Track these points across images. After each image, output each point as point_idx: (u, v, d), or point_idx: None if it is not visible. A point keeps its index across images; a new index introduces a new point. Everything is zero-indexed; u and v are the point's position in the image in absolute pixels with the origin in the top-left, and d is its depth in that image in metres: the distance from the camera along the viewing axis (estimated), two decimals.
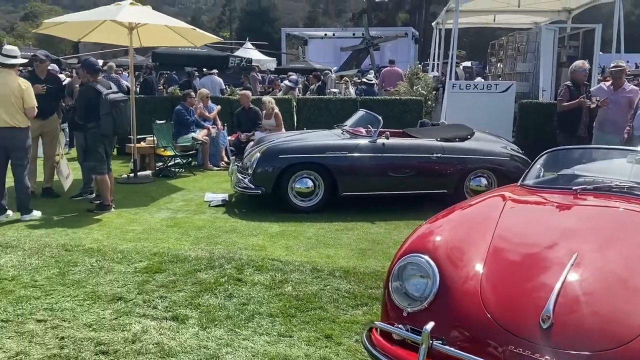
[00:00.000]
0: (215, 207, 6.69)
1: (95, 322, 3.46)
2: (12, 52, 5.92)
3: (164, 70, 15.92)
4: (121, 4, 7.52)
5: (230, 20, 71.64)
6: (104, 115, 6.01)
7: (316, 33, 35.72)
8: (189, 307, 3.71)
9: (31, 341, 3.21)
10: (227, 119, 10.32)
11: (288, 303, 3.79)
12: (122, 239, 5.28)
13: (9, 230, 5.50)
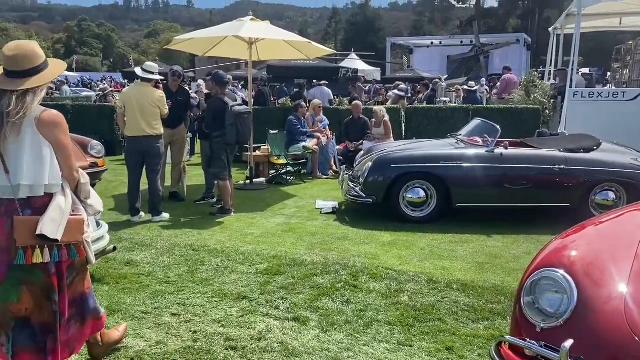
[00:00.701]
0: (326, 214, 6.85)
1: (223, 319, 3.69)
2: (151, 69, 6.51)
3: (277, 82, 16.61)
4: (243, 20, 7.97)
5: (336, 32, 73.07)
6: (229, 125, 6.40)
7: (422, 42, 35.38)
8: (309, 309, 3.83)
9: (168, 333, 3.49)
10: (336, 128, 10.52)
11: (405, 313, 3.79)
12: (242, 242, 5.57)
13: (142, 230, 6.01)
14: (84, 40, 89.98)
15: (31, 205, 2.53)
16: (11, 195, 2.50)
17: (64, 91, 22.47)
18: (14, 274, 2.51)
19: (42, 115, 2.56)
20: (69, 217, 2.60)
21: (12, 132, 2.47)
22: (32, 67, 2.57)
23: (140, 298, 4.04)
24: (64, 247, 2.57)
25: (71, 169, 2.66)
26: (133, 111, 6.32)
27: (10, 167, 2.49)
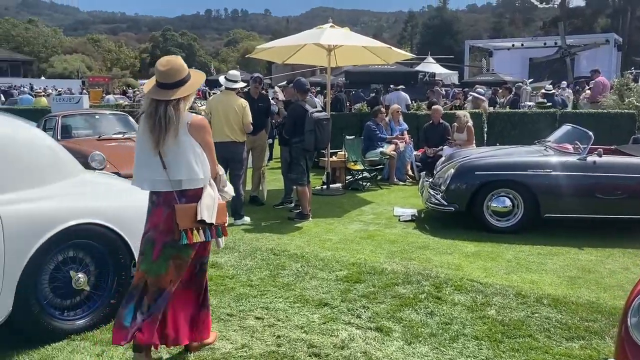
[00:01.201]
0: (405, 222, 6.74)
1: (306, 325, 3.70)
2: (234, 77, 6.70)
3: (354, 87, 16.63)
4: (323, 27, 8.04)
5: (412, 35, 72.22)
6: (308, 131, 6.46)
7: (502, 44, 34.23)
8: (392, 320, 3.77)
9: (252, 336, 3.54)
10: (414, 133, 10.36)
11: (493, 327, 3.63)
12: (321, 247, 5.58)
13: None
14: (168, 50, 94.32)
15: (185, 195, 2.98)
16: (169, 188, 2.96)
17: None
18: (168, 251, 2.98)
19: (193, 120, 3.00)
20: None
21: (170, 135, 2.90)
22: (180, 79, 2.98)
23: (225, 300, 4.13)
24: (213, 228, 3.05)
25: (214, 163, 3.14)
26: (218, 118, 6.53)
27: (168, 164, 2.93)
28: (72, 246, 3.51)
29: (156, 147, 2.91)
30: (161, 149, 2.91)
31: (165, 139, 2.89)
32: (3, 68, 66.46)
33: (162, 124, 2.89)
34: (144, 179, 3.02)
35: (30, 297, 3.26)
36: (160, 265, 2.98)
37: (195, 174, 2.96)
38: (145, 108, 3.00)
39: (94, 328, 3.57)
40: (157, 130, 2.90)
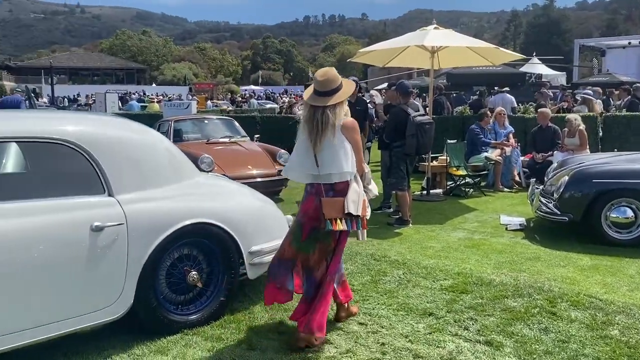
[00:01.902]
0: (512, 230, 6.41)
1: (410, 334, 3.61)
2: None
3: (456, 90, 16.18)
4: (427, 29, 7.88)
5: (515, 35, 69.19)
6: (409, 135, 6.35)
7: (617, 42, 31.65)
8: (502, 334, 3.58)
9: (357, 342, 3.51)
10: (521, 138, 9.87)
11: (617, 349, 3.33)
12: (423, 255, 5.45)
13: None
14: (268, 56, 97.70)
15: (333, 188, 3.40)
16: (319, 181, 3.41)
17: (252, 103, 24.61)
18: (314, 234, 3.45)
19: (345, 121, 3.43)
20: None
21: (325, 135, 3.35)
22: (335, 87, 3.41)
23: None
24: (354, 220, 3.38)
25: (361, 161, 3.49)
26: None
27: (320, 160, 3.36)
28: (186, 244, 3.68)
29: (313, 146, 3.38)
30: (316, 147, 3.36)
31: (321, 139, 3.35)
32: (120, 76, 72.22)
33: (319, 127, 3.35)
34: (300, 172, 3.53)
35: (149, 291, 3.46)
36: (308, 246, 3.47)
37: (343, 170, 3.35)
38: (304, 113, 3.51)
39: (204, 324, 3.71)
40: (314, 132, 3.36)
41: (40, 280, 3.01)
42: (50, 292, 3.07)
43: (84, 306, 3.21)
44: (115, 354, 3.33)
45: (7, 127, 3.23)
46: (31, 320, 3.00)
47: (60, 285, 3.10)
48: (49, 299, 3.06)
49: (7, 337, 2.91)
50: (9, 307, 2.91)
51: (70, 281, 3.13)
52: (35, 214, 3.05)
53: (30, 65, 70.28)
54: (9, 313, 2.92)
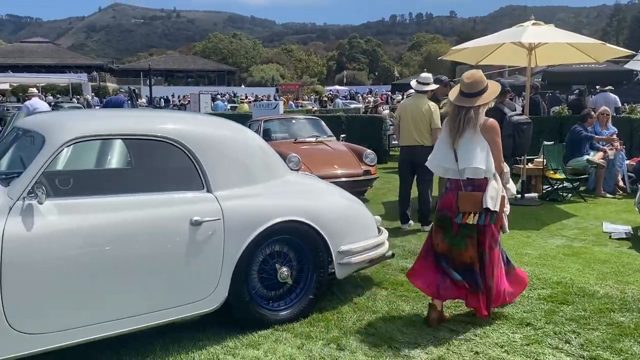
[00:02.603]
0: (617, 239, 5.96)
1: (506, 344, 3.44)
2: (425, 80, 6.58)
3: (551, 89, 15.34)
4: (524, 25, 7.52)
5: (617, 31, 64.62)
6: (505, 136, 6.05)
7: None
8: (609, 350, 3.31)
9: (448, 349, 3.39)
10: (627, 140, 9.16)
11: None
12: (519, 262, 5.15)
13: (412, 239, 6.09)
14: (353, 56, 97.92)
15: (471, 184, 3.60)
16: (457, 176, 3.63)
17: (337, 103, 24.75)
18: (463, 230, 3.61)
19: (486, 122, 3.63)
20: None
21: (466, 133, 3.56)
22: (481, 89, 3.63)
23: (418, 307, 4.05)
24: (488, 215, 3.55)
25: (499, 161, 3.65)
26: (407, 121, 6.48)
27: (459, 157, 3.59)
28: (277, 241, 3.73)
29: (453, 143, 3.60)
30: (456, 145, 3.59)
31: (461, 137, 3.58)
32: (211, 78, 75.25)
33: (462, 125, 3.57)
34: (440, 167, 3.76)
35: (242, 286, 3.54)
36: (460, 241, 3.63)
37: (480, 167, 3.52)
38: (449, 112, 3.73)
39: (294, 321, 3.75)
40: (455, 130, 3.60)
41: (143, 270, 3.17)
42: (151, 282, 3.21)
43: (181, 298, 3.34)
44: (210, 345, 3.44)
45: (117, 125, 3.43)
46: (134, 309, 3.16)
47: (161, 276, 3.24)
48: (149, 288, 3.21)
49: (113, 323, 3.09)
50: (115, 295, 3.09)
51: (170, 273, 3.27)
52: (140, 208, 3.21)
53: (131, 67, 75.06)
54: (115, 300, 3.09)
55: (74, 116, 3.63)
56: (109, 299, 3.07)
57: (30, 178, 2.92)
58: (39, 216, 2.88)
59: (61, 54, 70.95)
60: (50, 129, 3.17)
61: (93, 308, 3.02)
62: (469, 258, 3.62)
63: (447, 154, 3.66)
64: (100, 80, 53.52)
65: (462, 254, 3.63)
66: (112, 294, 3.07)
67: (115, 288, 3.08)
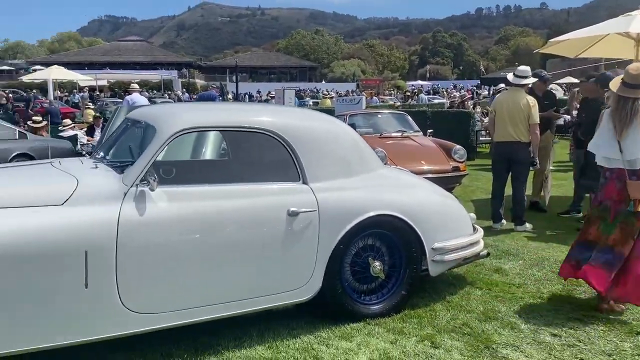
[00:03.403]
0: None
1: (614, 352, 3.23)
2: (523, 73, 6.30)
3: None
4: (632, 14, 7.00)
5: None
6: None
7: None
8: None
9: (550, 353, 3.24)
10: None
11: None
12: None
13: (505, 239, 5.86)
14: (437, 50, 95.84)
15: (636, 173, 3.69)
16: (621, 166, 3.72)
17: (421, 99, 24.31)
18: (619, 217, 3.72)
19: None
20: None
21: (632, 124, 3.66)
22: None
23: (515, 309, 3.89)
24: None
25: None
26: (502, 117, 6.24)
27: (624, 148, 3.68)
28: (370, 235, 3.72)
29: (618, 135, 3.70)
30: (621, 135, 3.68)
31: (626, 128, 3.68)
32: (294, 74, 76.55)
33: (629, 117, 3.67)
34: (603, 157, 3.85)
35: (335, 278, 3.57)
36: (612, 227, 3.74)
37: None
38: (612, 103, 3.86)
39: (385, 315, 3.72)
40: (621, 121, 3.69)
41: (243, 256, 3.27)
42: (251, 268, 3.31)
43: (278, 285, 3.41)
44: (303, 334, 3.49)
45: (220, 117, 3.55)
46: (235, 294, 3.27)
47: (259, 263, 3.33)
48: (249, 274, 3.31)
49: (215, 307, 3.22)
50: (218, 279, 3.21)
51: (267, 261, 3.35)
52: (241, 197, 3.31)
53: (217, 64, 77.84)
54: (218, 285, 3.21)
55: (182, 109, 3.80)
56: (212, 283, 3.19)
57: (143, 166, 3.09)
58: (151, 202, 3.05)
59: (153, 52, 75.00)
60: (160, 121, 3.34)
61: (198, 291, 3.16)
62: (613, 241, 3.71)
63: (612, 145, 3.74)
64: (190, 76, 56.02)
65: (608, 237, 3.74)
66: (215, 278, 3.20)
67: (219, 272, 3.20)
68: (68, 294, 2.83)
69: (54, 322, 2.81)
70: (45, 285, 2.77)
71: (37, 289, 2.76)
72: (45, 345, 2.82)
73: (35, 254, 2.75)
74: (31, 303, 2.75)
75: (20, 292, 2.73)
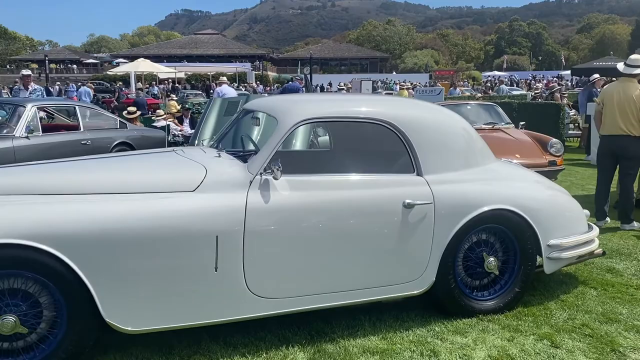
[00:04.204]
0: None
1: None
2: (636, 62, 5.92)
3: None
4: None
5: None
6: None
7: None
8: None
9: None
10: None
11: None
12: None
13: (613, 237, 5.56)
14: (513, 40, 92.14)
15: None
16: None
17: (502, 90, 23.52)
18: None
19: None
20: None
21: None
22: None
23: (637, 312, 3.69)
24: None
25: None
26: (611, 108, 5.91)
27: None
28: (485, 230, 3.64)
29: None
30: None
31: None
32: (364, 65, 76.21)
33: None
34: None
35: (448, 272, 3.52)
36: None
37: None
38: None
39: (498, 312, 3.64)
40: None
41: (359, 247, 3.29)
42: (366, 259, 3.33)
43: (392, 277, 3.41)
44: (415, 327, 3.47)
45: (336, 108, 3.57)
46: (350, 283, 3.31)
47: (375, 254, 3.34)
48: (364, 265, 3.33)
49: (332, 295, 3.26)
50: (336, 268, 3.25)
51: (383, 252, 3.35)
52: (359, 187, 3.33)
53: (289, 56, 78.81)
54: (335, 273, 3.25)
55: (300, 101, 3.86)
56: (331, 271, 3.24)
57: (266, 156, 3.17)
58: (274, 190, 3.13)
59: (228, 45, 76.92)
60: (281, 112, 3.41)
61: (318, 279, 3.21)
62: None
63: None
64: (263, 69, 57.04)
65: None
66: (334, 267, 3.24)
67: (337, 261, 3.24)
68: (200, 277, 2.95)
69: (188, 303, 2.95)
70: (179, 266, 2.91)
71: (172, 270, 2.90)
72: (180, 325, 2.96)
73: (170, 236, 2.89)
74: (166, 284, 2.90)
75: (156, 272, 2.88)
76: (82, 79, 44.14)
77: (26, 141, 6.85)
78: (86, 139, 7.72)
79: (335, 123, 3.64)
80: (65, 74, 58.58)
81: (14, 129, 6.86)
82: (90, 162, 3.69)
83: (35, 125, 7.06)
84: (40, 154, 6.77)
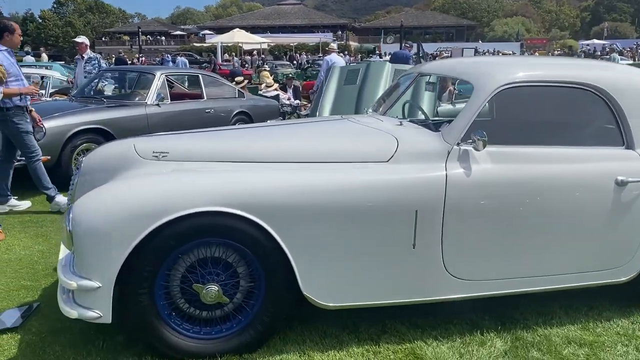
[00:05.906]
0: None
1: None
2: None
3: None
4: None
5: None
6: None
7: None
8: None
9: None
10: None
11: None
12: None
13: None
14: (613, 5, 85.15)
15: None
16: None
17: (613, 58, 21.75)
18: None
19: None
20: None
21: None
22: None
23: None
24: None
25: None
26: None
27: None
28: None
29: None
30: None
31: None
32: (450, 34, 73.34)
33: None
34: None
35: None
36: None
37: None
38: None
39: None
40: None
41: (564, 228, 2.96)
42: (569, 241, 2.99)
43: (595, 263, 3.06)
44: (616, 317, 3.12)
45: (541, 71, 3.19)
46: (553, 268, 2.99)
47: (580, 236, 3.00)
48: (566, 248, 3.00)
49: (529, 280, 2.96)
50: (537, 250, 2.94)
51: (589, 234, 3.01)
52: (566, 161, 2.98)
53: (371, 26, 77.32)
54: (535, 255, 2.94)
55: (497, 63, 3.51)
56: (534, 253, 2.93)
57: (465, 124, 2.88)
58: (475, 162, 2.84)
59: (310, 15, 76.53)
60: (478, 77, 3.08)
61: (520, 261, 2.92)
62: None
63: None
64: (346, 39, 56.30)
65: None
66: (536, 249, 2.93)
67: (541, 243, 2.93)
68: (398, 254, 2.75)
69: (385, 281, 2.76)
70: (377, 242, 2.72)
71: (369, 245, 2.71)
72: (377, 302, 2.79)
73: (369, 209, 2.68)
74: (364, 259, 2.71)
75: (354, 247, 2.70)
76: (171, 50, 45.53)
77: (157, 109, 6.95)
78: (209, 108, 7.76)
79: (542, 88, 3.21)
80: (155, 45, 60.75)
81: (146, 96, 6.98)
82: (272, 129, 3.57)
83: (165, 93, 7.15)
84: (170, 121, 6.88)
